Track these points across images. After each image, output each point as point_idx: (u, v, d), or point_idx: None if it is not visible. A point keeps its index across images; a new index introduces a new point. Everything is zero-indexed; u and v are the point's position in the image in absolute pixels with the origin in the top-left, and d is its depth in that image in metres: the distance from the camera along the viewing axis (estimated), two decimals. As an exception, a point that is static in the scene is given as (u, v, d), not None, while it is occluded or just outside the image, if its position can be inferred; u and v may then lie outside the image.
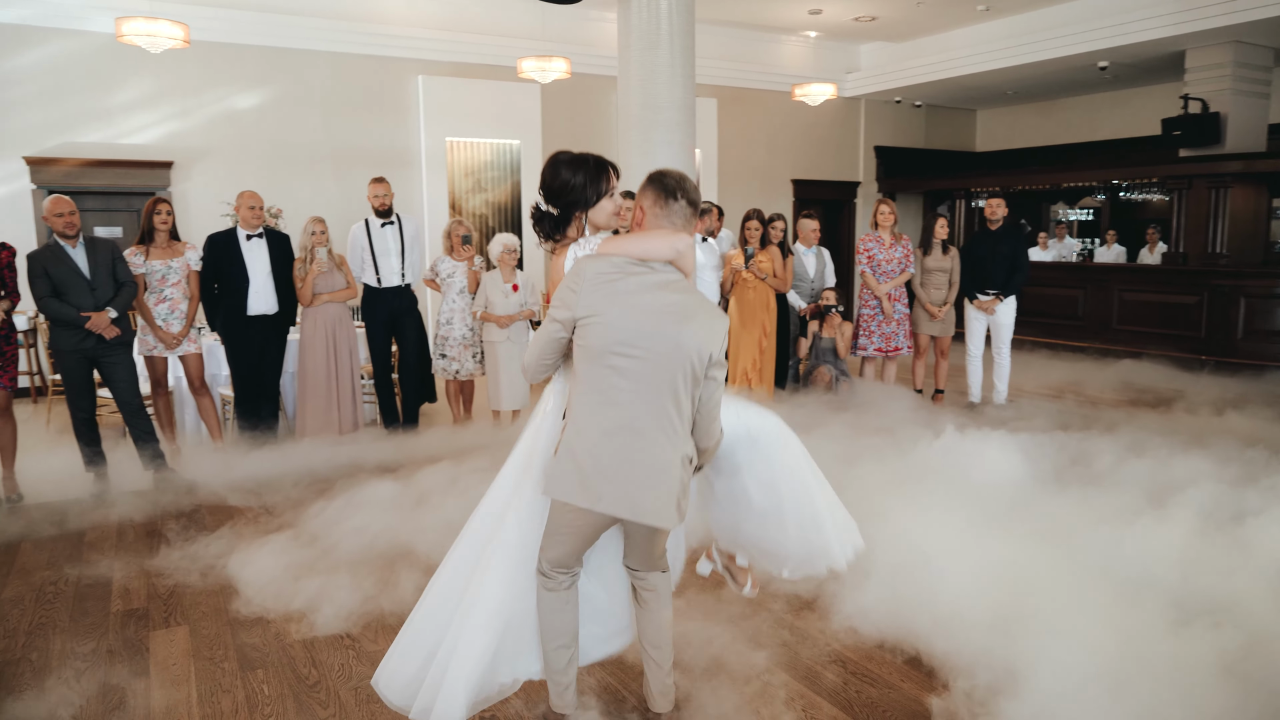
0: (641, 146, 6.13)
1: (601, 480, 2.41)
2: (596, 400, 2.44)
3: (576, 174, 2.68)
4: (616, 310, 2.43)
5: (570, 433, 2.46)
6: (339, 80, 9.60)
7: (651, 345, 2.41)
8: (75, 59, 8.51)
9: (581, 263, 2.50)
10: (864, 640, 3.33)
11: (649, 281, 2.46)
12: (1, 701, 3.00)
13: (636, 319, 2.42)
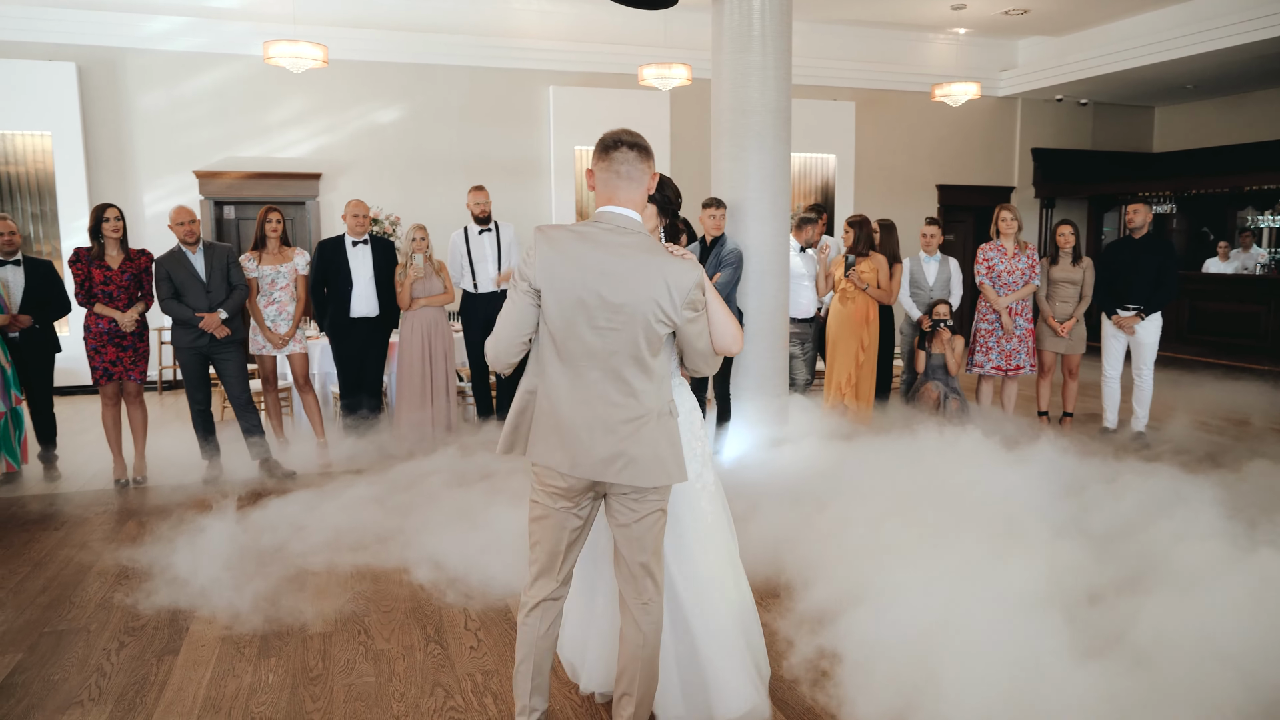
0: (731, 151, 5.95)
1: (579, 448, 2.36)
2: (561, 367, 2.39)
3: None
4: (570, 276, 2.35)
5: (544, 402, 2.41)
6: (473, 93, 9.98)
7: (613, 310, 2.35)
8: (238, 81, 9.30)
9: (535, 232, 2.44)
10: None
11: (602, 243, 2.38)
12: (47, 662, 3.28)
13: (592, 283, 2.34)
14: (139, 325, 5.70)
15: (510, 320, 2.41)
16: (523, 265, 2.39)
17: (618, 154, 2.43)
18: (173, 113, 9.22)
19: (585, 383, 2.37)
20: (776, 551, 3.95)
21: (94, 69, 8.96)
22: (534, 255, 2.37)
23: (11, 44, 8.68)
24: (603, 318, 2.35)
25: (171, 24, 9.03)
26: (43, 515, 5.12)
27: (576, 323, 2.35)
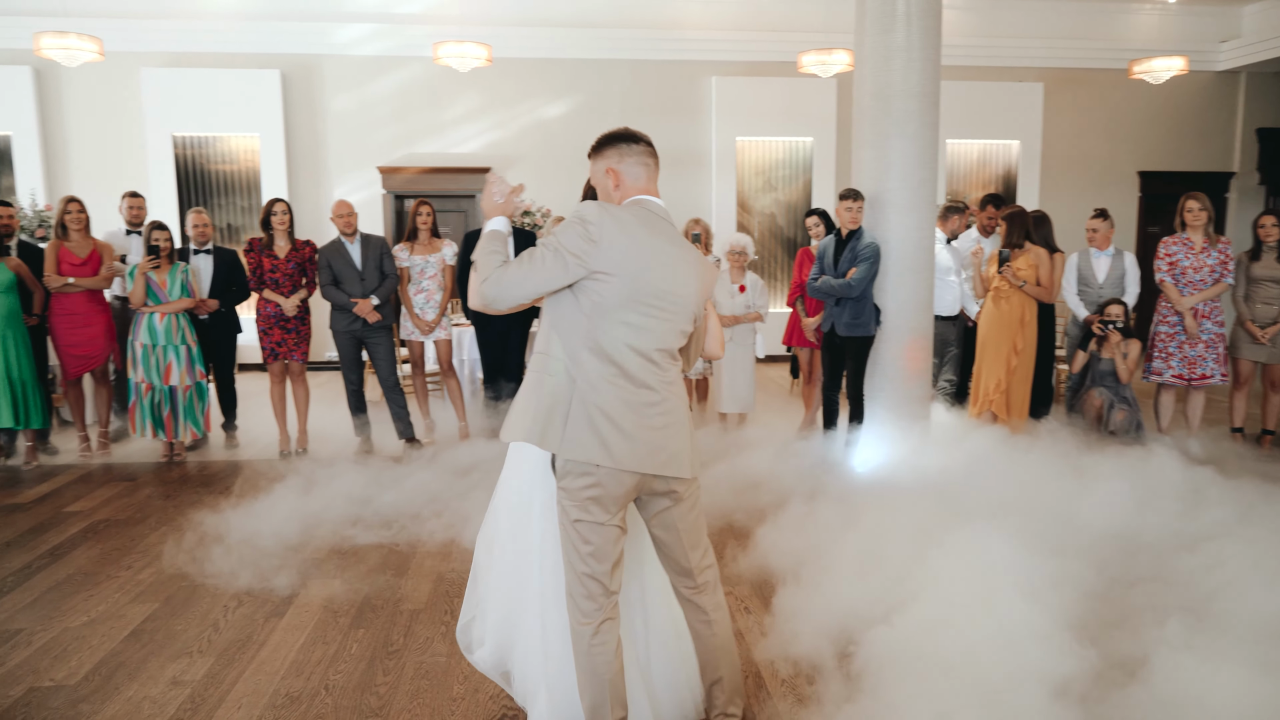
0: (872, 139, 5.63)
1: (623, 441, 2.29)
2: (604, 361, 2.30)
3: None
4: (636, 262, 2.29)
5: (587, 393, 2.29)
6: (636, 86, 10.07)
7: (668, 301, 2.37)
8: (416, 82, 9.88)
9: (593, 210, 2.30)
10: None
11: (664, 230, 2.40)
12: (176, 613, 3.63)
13: (664, 277, 2.34)
14: (302, 310, 6.19)
15: (536, 280, 2.26)
16: (581, 241, 2.25)
17: (640, 146, 2.47)
18: (360, 113, 9.93)
19: (628, 373, 2.31)
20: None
21: (295, 75, 9.80)
22: (600, 236, 2.25)
23: (227, 55, 9.65)
24: (655, 307, 2.33)
25: (361, 31, 9.72)
26: (216, 478, 5.68)
27: (631, 310, 2.31)
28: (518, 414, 2.38)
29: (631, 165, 2.43)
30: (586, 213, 2.29)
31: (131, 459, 6.23)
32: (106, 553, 4.39)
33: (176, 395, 6.04)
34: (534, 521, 2.60)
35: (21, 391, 5.90)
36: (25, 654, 3.35)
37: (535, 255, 2.28)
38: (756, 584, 3.80)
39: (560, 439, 2.30)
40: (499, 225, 2.45)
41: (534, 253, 2.28)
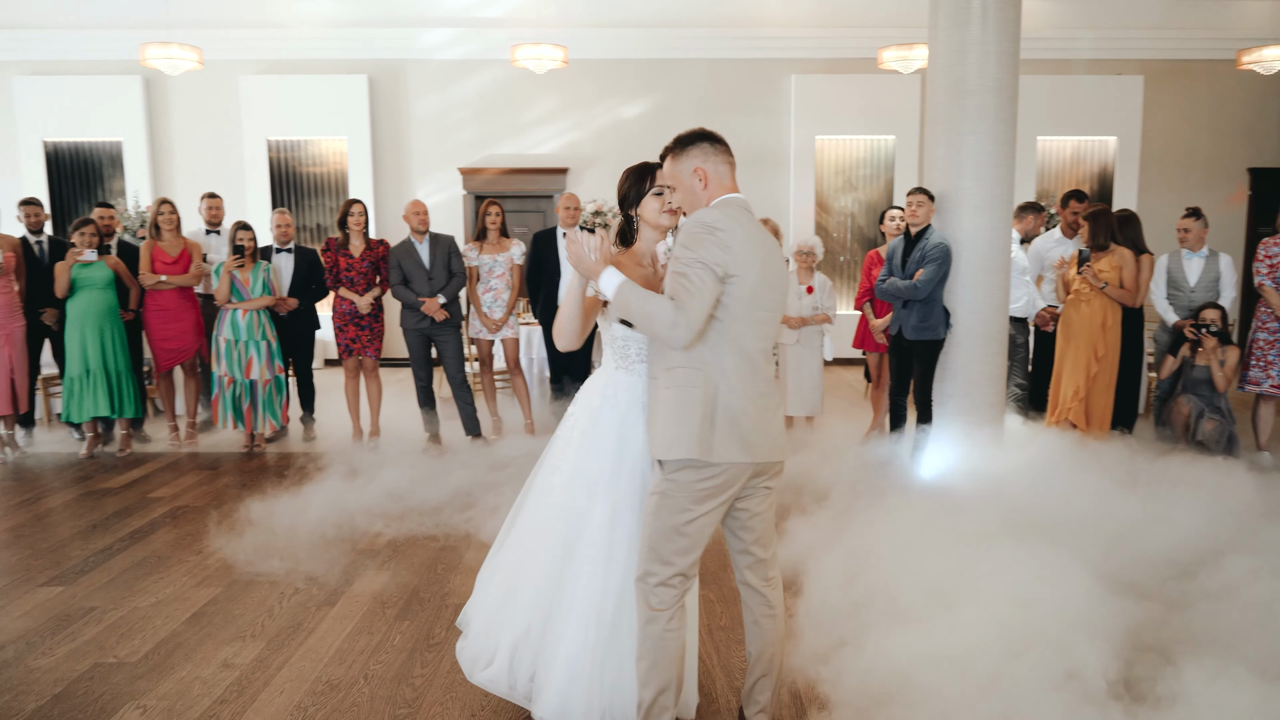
0: (945, 137, 5.43)
1: (757, 434, 2.40)
2: (743, 360, 2.39)
3: (627, 180, 2.69)
4: (756, 261, 2.35)
5: (727, 396, 2.36)
6: (713, 85, 10.01)
7: (777, 295, 2.47)
8: (497, 84, 10.05)
9: (714, 215, 2.33)
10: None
11: (761, 227, 2.45)
12: (236, 598, 3.78)
13: (773, 270, 2.42)
14: (375, 308, 6.36)
15: (706, 299, 2.28)
16: (718, 250, 2.29)
17: (721, 146, 2.52)
18: (442, 115, 10.16)
19: (754, 367, 2.41)
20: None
21: (381, 79, 10.10)
22: (730, 241, 2.30)
23: (318, 61, 10.01)
24: (771, 301, 2.43)
25: (444, 35, 9.95)
26: (290, 469, 5.89)
27: (755, 307, 2.38)
28: (670, 429, 2.36)
29: (718, 164, 2.47)
30: (712, 219, 2.32)
31: (216, 448, 6.52)
32: (181, 538, 4.61)
33: (256, 389, 6.30)
34: (594, 525, 2.59)
35: (117, 382, 6.24)
36: (95, 631, 3.53)
37: (689, 278, 2.27)
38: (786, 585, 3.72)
39: (713, 446, 2.35)
40: (614, 277, 2.37)
41: (684, 276, 2.27)
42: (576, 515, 2.63)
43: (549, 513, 2.68)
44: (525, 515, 2.76)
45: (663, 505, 2.41)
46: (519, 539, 2.74)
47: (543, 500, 2.72)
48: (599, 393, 2.68)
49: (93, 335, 6.12)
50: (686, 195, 2.50)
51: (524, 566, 2.68)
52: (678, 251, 2.35)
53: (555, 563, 2.64)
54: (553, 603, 2.61)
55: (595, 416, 2.65)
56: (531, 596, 2.64)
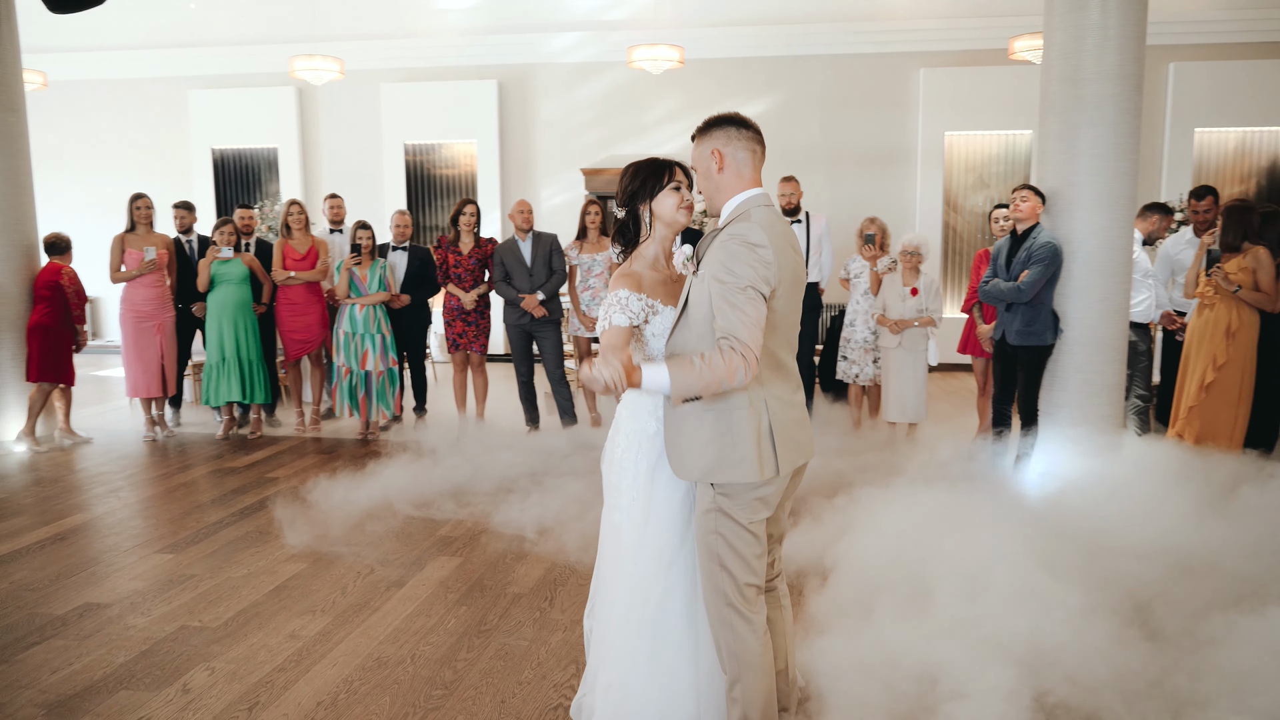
0: (1059, 129, 5.05)
1: (802, 436, 2.43)
2: (781, 371, 2.38)
3: (637, 174, 2.60)
4: (789, 268, 2.33)
5: (775, 406, 2.33)
6: (837, 81, 9.77)
7: (800, 294, 2.44)
8: (619, 86, 10.19)
9: (752, 225, 2.27)
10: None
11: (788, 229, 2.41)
12: (316, 575, 4.02)
13: (799, 271, 2.40)
14: (481, 304, 6.60)
15: (760, 321, 2.20)
16: (763, 268, 2.22)
17: (749, 132, 2.44)
18: (566, 118, 10.40)
19: (790, 373, 2.41)
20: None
21: (510, 84, 10.45)
22: (771, 256, 2.24)
23: (450, 68, 10.47)
24: (797, 303, 2.41)
25: (570, 39, 10.18)
26: (396, 457, 6.18)
27: (787, 314, 2.35)
28: (718, 452, 2.30)
29: (738, 149, 2.39)
30: (753, 236, 2.24)
31: (337, 434, 6.94)
32: (283, 516, 4.92)
33: (371, 379, 6.66)
34: (682, 553, 2.52)
35: (249, 370, 6.75)
36: (189, 596, 3.85)
37: (744, 309, 2.19)
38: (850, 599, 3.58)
39: (767, 463, 2.32)
40: (657, 372, 2.23)
41: (737, 307, 2.19)
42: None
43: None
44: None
45: (721, 524, 2.36)
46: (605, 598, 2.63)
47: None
48: (653, 416, 2.51)
49: (228, 326, 6.65)
50: (704, 179, 2.47)
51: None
52: (720, 273, 2.23)
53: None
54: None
55: (655, 442, 2.50)
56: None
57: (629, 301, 2.49)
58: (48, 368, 6.38)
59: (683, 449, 2.37)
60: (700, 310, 2.32)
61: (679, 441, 2.38)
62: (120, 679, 3.14)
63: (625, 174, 2.59)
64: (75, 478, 5.81)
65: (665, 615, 2.50)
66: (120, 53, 10.99)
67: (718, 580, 2.39)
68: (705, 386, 2.19)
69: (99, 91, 11.19)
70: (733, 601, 2.38)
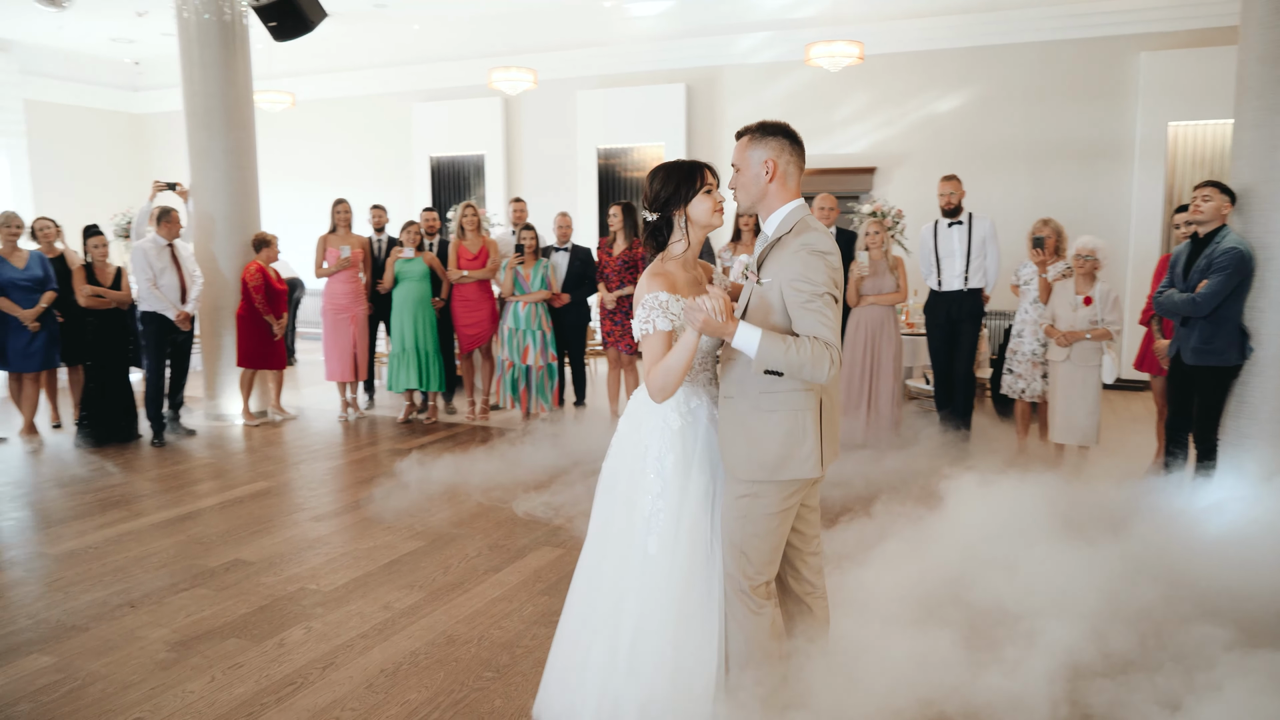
0: (1257, 117, 4.31)
1: (831, 442, 2.50)
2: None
3: (669, 179, 2.57)
4: (841, 270, 2.45)
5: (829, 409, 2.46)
6: (1042, 70, 9.00)
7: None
8: (806, 85, 9.98)
9: (820, 235, 2.36)
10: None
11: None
12: (430, 553, 4.32)
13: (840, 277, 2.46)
14: (627, 304, 6.74)
15: (838, 326, 2.33)
16: (835, 274, 2.35)
17: (800, 149, 2.52)
18: (752, 119, 10.21)
19: (832, 388, 2.50)
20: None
21: (698, 87, 10.55)
22: (836, 258, 2.37)
23: (640, 73, 10.73)
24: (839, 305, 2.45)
25: (757, 39, 10.11)
26: (547, 447, 6.44)
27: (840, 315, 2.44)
28: (780, 450, 2.37)
29: (789, 163, 2.48)
30: (821, 244, 2.35)
31: (504, 424, 7.36)
32: (424, 497, 5.31)
33: (531, 373, 7.01)
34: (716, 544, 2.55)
35: (425, 361, 7.32)
36: (315, 562, 4.27)
37: (826, 315, 2.29)
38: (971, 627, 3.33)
39: (821, 460, 2.43)
40: (751, 333, 2.27)
41: (820, 313, 2.29)
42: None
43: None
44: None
45: (751, 512, 2.42)
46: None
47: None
48: (676, 412, 2.53)
49: (408, 320, 7.24)
50: (748, 183, 2.49)
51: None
52: (797, 282, 2.31)
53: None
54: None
55: (682, 436, 2.52)
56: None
57: (670, 305, 2.49)
58: (248, 354, 7.22)
59: (746, 449, 2.40)
60: (760, 317, 2.40)
61: (740, 441, 2.41)
62: (235, 628, 3.55)
63: (654, 178, 2.58)
64: (270, 450, 6.58)
65: (710, 603, 2.52)
66: (357, 73, 12.24)
67: (735, 567, 2.46)
68: (789, 365, 2.24)
69: (338, 108, 12.52)
70: (744, 589, 2.45)
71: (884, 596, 3.35)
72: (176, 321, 6.64)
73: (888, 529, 4.14)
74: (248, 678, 3.14)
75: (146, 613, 3.70)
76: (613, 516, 2.62)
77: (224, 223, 7.38)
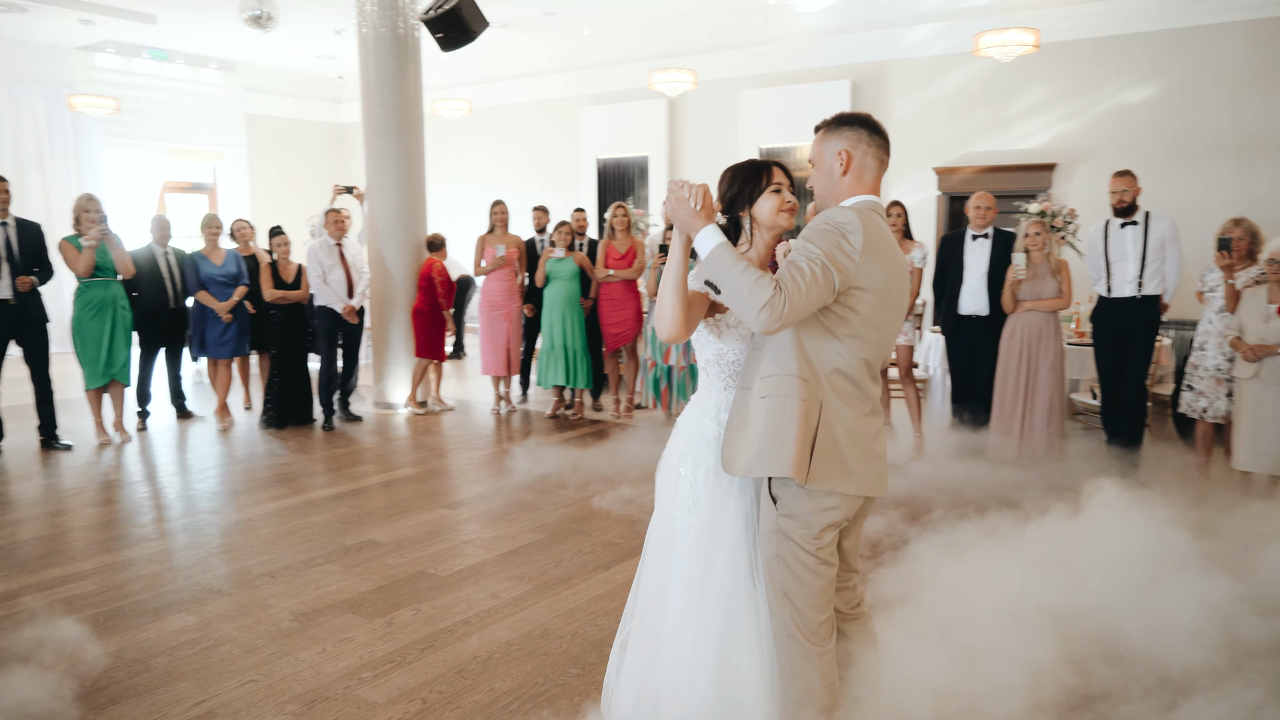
0: None
1: (861, 461, 2.25)
2: (850, 381, 2.24)
3: (735, 179, 2.49)
4: (886, 275, 2.22)
5: (830, 414, 2.22)
6: (1255, 52, 8.04)
7: (899, 313, 2.35)
8: (979, 78, 9.42)
9: (849, 218, 2.17)
10: None
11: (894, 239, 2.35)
12: (547, 546, 4.42)
13: (900, 283, 2.29)
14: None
15: (815, 298, 2.09)
16: (845, 257, 2.13)
17: (880, 139, 2.37)
18: (922, 114, 9.88)
19: (864, 388, 2.27)
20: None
21: (864, 83, 10.20)
22: (864, 249, 2.15)
23: (804, 71, 10.51)
24: (891, 320, 2.29)
25: (927, 31, 9.65)
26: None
27: (874, 327, 2.24)
28: (759, 443, 2.23)
29: (866, 155, 2.33)
30: (845, 222, 2.17)
31: (648, 422, 7.42)
32: (553, 490, 5.44)
33: (673, 373, 7.03)
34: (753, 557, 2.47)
35: (573, 358, 7.51)
36: (439, 548, 4.47)
37: (803, 269, 2.08)
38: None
39: (810, 468, 2.20)
40: (715, 236, 2.15)
41: (798, 266, 2.09)
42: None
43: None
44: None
45: (784, 548, 2.29)
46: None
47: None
48: (713, 419, 2.44)
49: (557, 318, 7.45)
50: (822, 178, 2.38)
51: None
52: (797, 244, 2.21)
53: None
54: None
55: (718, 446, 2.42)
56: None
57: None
58: (424, 346, 7.69)
59: (731, 438, 2.32)
60: None
61: (734, 428, 2.32)
62: (352, 604, 3.78)
63: (723, 179, 2.52)
64: (423, 438, 6.97)
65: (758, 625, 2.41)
66: (528, 79, 12.73)
67: (778, 608, 2.32)
68: (729, 281, 2.09)
69: (511, 114, 13.07)
70: (792, 633, 2.30)
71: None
72: (343, 314, 7.17)
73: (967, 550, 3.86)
74: (353, 652, 3.34)
75: (282, 583, 4.01)
76: (653, 528, 2.57)
77: (393, 223, 7.89)
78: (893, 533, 4.48)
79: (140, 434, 7.06)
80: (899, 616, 3.20)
